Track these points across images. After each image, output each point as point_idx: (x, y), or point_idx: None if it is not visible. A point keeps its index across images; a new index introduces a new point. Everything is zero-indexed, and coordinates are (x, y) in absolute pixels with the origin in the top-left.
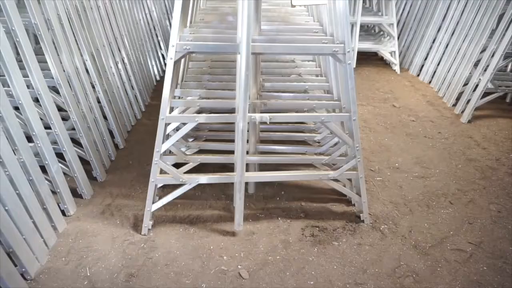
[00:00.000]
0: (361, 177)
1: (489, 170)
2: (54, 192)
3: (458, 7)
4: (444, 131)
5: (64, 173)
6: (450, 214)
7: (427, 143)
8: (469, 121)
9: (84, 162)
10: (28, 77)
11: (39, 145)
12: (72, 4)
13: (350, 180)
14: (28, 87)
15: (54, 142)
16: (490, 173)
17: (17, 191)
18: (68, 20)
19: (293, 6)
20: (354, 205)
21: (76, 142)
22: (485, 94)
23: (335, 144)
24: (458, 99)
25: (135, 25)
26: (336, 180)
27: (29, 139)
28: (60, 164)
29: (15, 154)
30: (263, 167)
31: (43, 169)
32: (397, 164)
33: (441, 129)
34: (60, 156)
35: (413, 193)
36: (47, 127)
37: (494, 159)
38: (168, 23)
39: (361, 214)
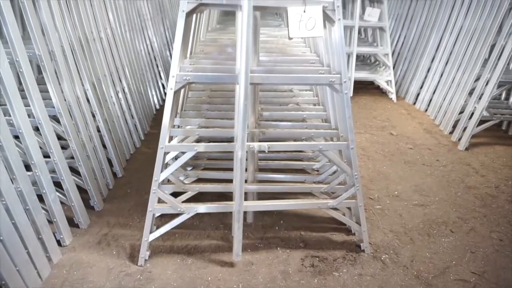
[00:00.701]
0: (360, 206)
1: (489, 198)
2: (50, 222)
3: (450, 38)
4: (442, 159)
5: (61, 202)
6: (452, 243)
7: (426, 170)
8: (466, 149)
9: (82, 191)
10: (29, 106)
11: (37, 174)
12: (75, 36)
13: (349, 208)
14: (29, 116)
15: (53, 171)
16: (490, 201)
17: (13, 221)
18: (71, 51)
19: (290, 38)
20: (354, 234)
21: (74, 170)
22: (481, 121)
23: (334, 172)
24: (454, 126)
25: (137, 55)
26: (335, 209)
27: (28, 167)
28: (57, 193)
29: (13, 183)
30: (261, 195)
31: (40, 198)
32: (396, 192)
33: (439, 157)
34: (58, 184)
35: (413, 222)
36: (46, 155)
37: (493, 186)
38: (168, 54)
39: (361, 244)
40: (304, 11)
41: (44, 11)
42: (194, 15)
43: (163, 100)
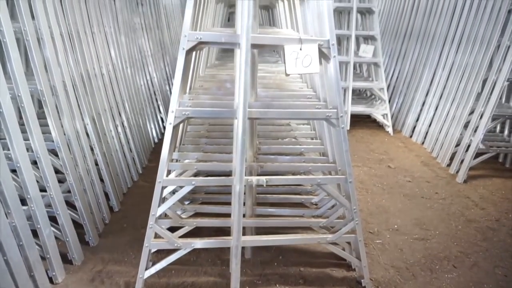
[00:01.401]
0: (360, 240)
1: (490, 231)
2: (43, 258)
3: (443, 73)
4: (441, 192)
5: (56, 237)
6: (455, 279)
7: (425, 203)
8: (464, 181)
9: (77, 226)
10: (28, 140)
11: (33, 208)
12: (77, 71)
13: (349, 243)
14: (27, 149)
15: (48, 205)
16: (491, 234)
17: (5, 257)
18: (73, 86)
19: (287, 75)
20: (354, 269)
21: (70, 204)
22: (478, 154)
23: (333, 206)
24: (451, 159)
25: (137, 90)
26: (335, 244)
27: (24, 201)
28: (52, 228)
29: (7, 218)
30: (260, 230)
31: (35, 232)
32: (396, 226)
33: (437, 190)
34: (53, 219)
35: (414, 257)
36: (43, 189)
37: (493, 219)
38: (168, 88)
39: (362, 280)
40: (301, 49)
41: (48, 48)
42: (194, 52)
43: (162, 134)
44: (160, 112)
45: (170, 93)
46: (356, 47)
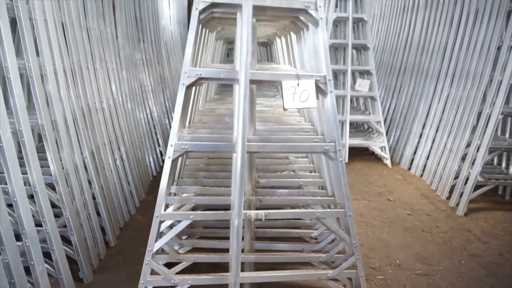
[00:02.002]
0: (361, 276)
1: (493, 266)
2: None
3: (438, 106)
4: (441, 225)
5: (49, 274)
6: None
7: (426, 237)
8: (465, 214)
9: (72, 261)
10: (26, 174)
11: (27, 244)
12: (78, 106)
13: (350, 279)
14: (25, 183)
15: (43, 240)
16: (495, 270)
17: None
18: (73, 121)
19: (285, 109)
20: None
21: (65, 239)
22: (477, 186)
23: (333, 240)
24: (451, 192)
25: (136, 124)
26: (336, 280)
27: (18, 236)
28: (46, 264)
29: (0, 254)
30: (259, 266)
31: (27, 269)
32: (398, 261)
33: (438, 223)
34: (47, 255)
35: None
36: (38, 224)
37: (497, 254)
38: (167, 122)
39: None
40: (298, 84)
41: (50, 83)
42: (194, 87)
43: (161, 167)
44: (159, 145)
45: (170, 126)
46: (353, 81)
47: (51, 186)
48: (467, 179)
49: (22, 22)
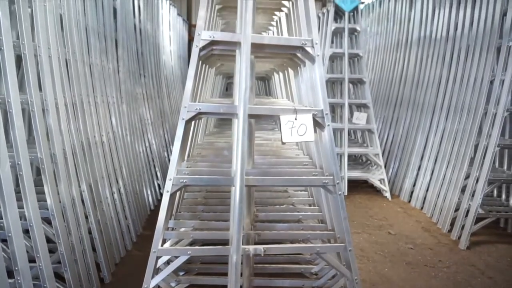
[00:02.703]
0: None
1: None
2: None
3: (435, 139)
4: (444, 259)
5: None
6: None
7: (429, 272)
8: (468, 248)
9: None
10: (22, 208)
11: (19, 281)
12: (78, 140)
13: None
14: (20, 217)
15: (36, 277)
16: None
17: None
18: (72, 154)
19: (283, 143)
20: None
21: (59, 275)
22: (478, 219)
23: (333, 276)
24: (452, 224)
25: (135, 157)
26: None
27: (10, 273)
28: None
29: None
30: None
31: None
32: None
33: (441, 257)
34: None
35: None
36: (32, 259)
37: None
38: (166, 155)
39: None
40: (296, 119)
41: (51, 117)
42: (193, 121)
43: (158, 200)
44: (157, 178)
45: (169, 159)
46: (350, 114)
47: (47, 220)
48: (468, 211)
49: (28, 59)
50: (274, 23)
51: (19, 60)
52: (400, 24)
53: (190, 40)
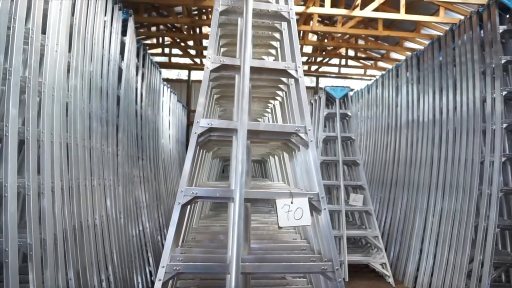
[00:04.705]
0: None
1: None
2: None
3: (434, 220)
4: None
5: None
6: None
7: None
8: None
9: None
10: None
11: None
12: (71, 223)
13: None
14: None
15: None
16: None
17: None
18: (63, 239)
19: (280, 228)
20: None
21: None
22: None
23: None
24: None
25: (127, 241)
26: None
27: None
28: None
29: None
30: None
31: None
32: None
33: None
34: None
35: None
36: None
37: None
38: (160, 239)
39: None
40: (292, 203)
41: (46, 200)
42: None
43: None
44: (149, 264)
45: (162, 244)
46: (346, 196)
47: None
48: None
49: (30, 145)
50: (269, 110)
51: (21, 143)
52: (389, 109)
53: (189, 124)
